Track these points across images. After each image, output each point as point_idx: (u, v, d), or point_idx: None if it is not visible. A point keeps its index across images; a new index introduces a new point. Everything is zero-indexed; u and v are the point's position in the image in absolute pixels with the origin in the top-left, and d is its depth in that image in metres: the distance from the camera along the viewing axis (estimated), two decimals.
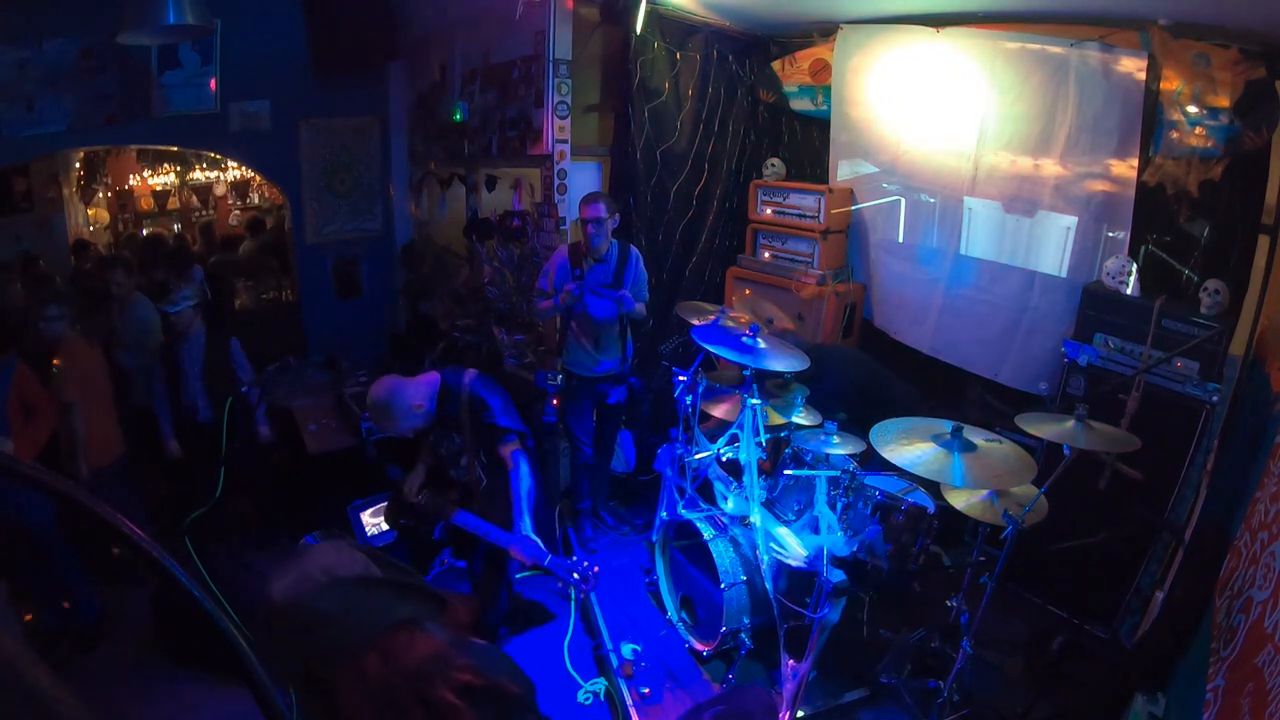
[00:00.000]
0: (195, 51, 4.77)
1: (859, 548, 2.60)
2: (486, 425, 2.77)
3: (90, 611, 3.37)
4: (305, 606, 1.05)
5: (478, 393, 2.80)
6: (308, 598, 1.06)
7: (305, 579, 1.08)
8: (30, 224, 6.29)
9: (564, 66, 3.83)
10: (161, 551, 0.68)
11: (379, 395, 2.69)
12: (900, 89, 3.90)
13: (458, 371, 2.88)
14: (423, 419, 2.75)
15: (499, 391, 2.87)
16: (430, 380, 2.80)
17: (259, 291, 6.57)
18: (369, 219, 5.93)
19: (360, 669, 1.05)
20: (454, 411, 2.79)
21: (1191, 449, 2.91)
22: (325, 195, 5.66)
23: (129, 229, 7.78)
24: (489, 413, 2.77)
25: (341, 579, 1.09)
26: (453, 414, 2.80)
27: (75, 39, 4.35)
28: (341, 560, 1.12)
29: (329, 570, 1.09)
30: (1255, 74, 2.76)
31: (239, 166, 7.93)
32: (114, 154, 7.48)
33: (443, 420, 2.81)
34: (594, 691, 3.06)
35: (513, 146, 4.30)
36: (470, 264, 4.88)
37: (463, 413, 2.79)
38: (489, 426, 2.77)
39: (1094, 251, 3.36)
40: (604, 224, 3.48)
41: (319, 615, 1.05)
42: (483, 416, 2.77)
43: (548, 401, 3.72)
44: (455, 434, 2.86)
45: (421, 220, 5.98)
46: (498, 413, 2.78)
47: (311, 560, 1.11)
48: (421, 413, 2.74)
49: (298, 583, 1.07)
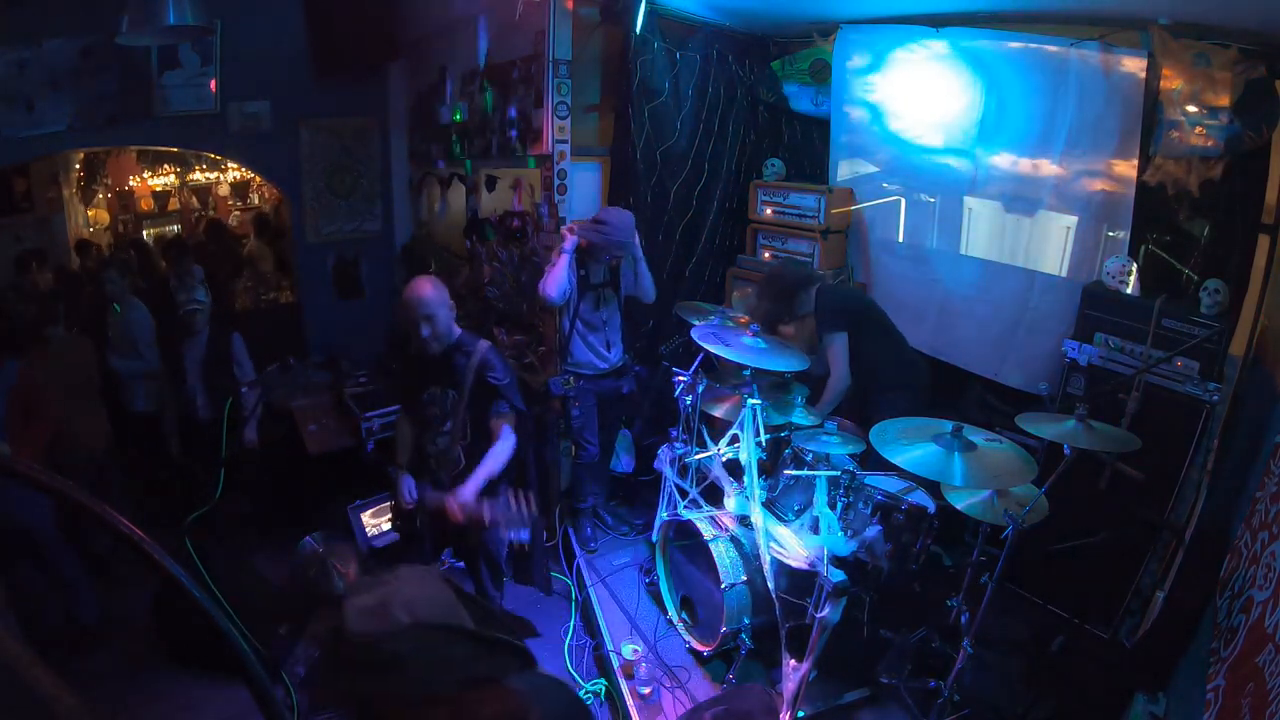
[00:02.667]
0: (195, 52, 4.76)
1: (859, 548, 2.60)
2: (490, 385, 2.74)
3: (90, 611, 3.37)
4: (382, 647, 1.00)
5: (491, 354, 2.80)
6: (387, 638, 1.00)
7: (385, 613, 1.02)
8: (30, 224, 6.30)
9: (564, 66, 3.83)
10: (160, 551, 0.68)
11: (420, 278, 2.75)
12: (900, 89, 3.90)
13: (475, 335, 2.88)
14: (446, 320, 2.73)
15: (509, 365, 2.88)
16: None
17: (259, 291, 6.58)
18: (369, 219, 5.93)
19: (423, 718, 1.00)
20: (461, 364, 2.76)
21: (1191, 449, 2.91)
22: (325, 195, 5.66)
23: (129, 230, 7.79)
24: (496, 375, 2.75)
25: (425, 624, 1.03)
26: (459, 366, 2.77)
27: (75, 39, 4.34)
28: (427, 596, 1.07)
29: (412, 607, 1.03)
30: (1255, 74, 2.76)
31: (239, 167, 7.93)
32: (114, 154, 7.48)
33: (448, 371, 2.79)
34: (594, 691, 3.07)
35: (513, 147, 4.30)
36: (470, 264, 4.88)
37: (469, 366, 2.76)
38: (492, 387, 2.75)
39: (1094, 251, 3.36)
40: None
41: (395, 659, 1.00)
42: (489, 375, 2.75)
43: (569, 406, 3.75)
44: (452, 390, 2.80)
45: (421, 220, 5.98)
46: (504, 380, 2.78)
47: (396, 591, 1.05)
48: (450, 312, 2.75)
49: (378, 617, 1.02)
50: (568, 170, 3.96)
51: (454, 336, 2.79)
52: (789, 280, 3.45)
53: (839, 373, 3.34)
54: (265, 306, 6.50)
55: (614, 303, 3.74)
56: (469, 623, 1.08)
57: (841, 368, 3.33)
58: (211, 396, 3.76)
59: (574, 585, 3.73)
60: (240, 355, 3.87)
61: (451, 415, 2.82)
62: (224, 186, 8.47)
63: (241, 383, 3.84)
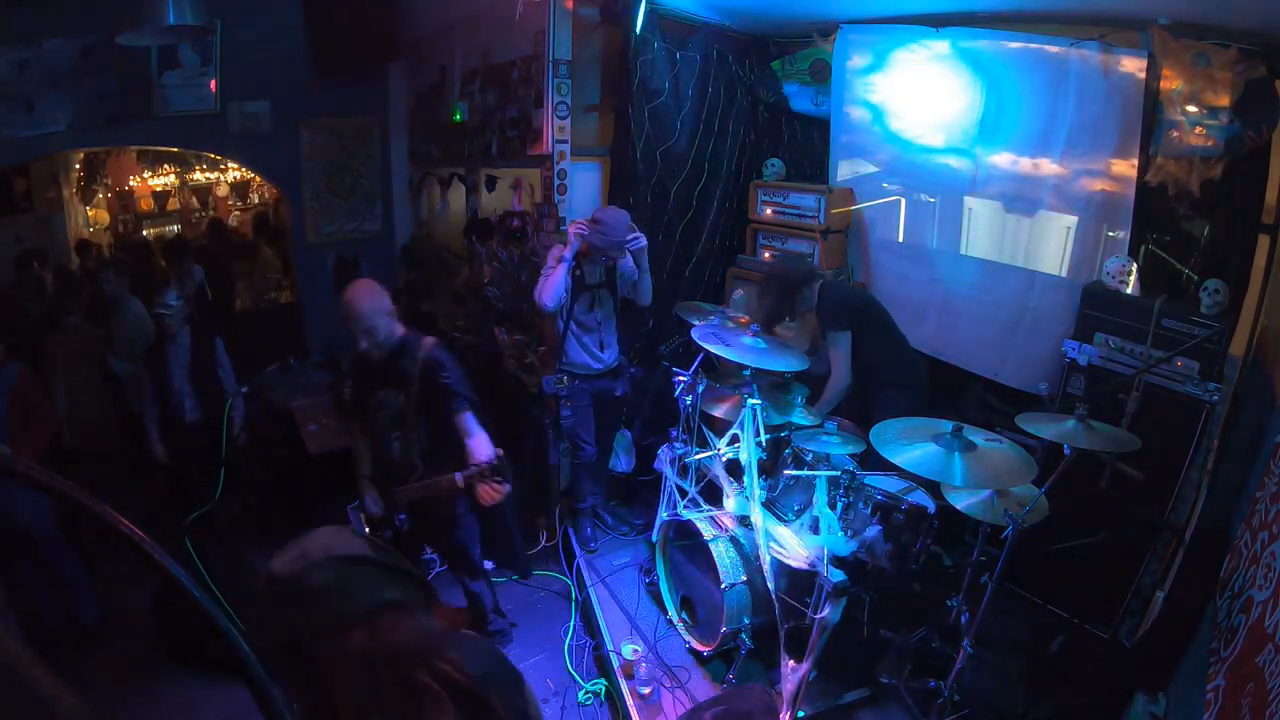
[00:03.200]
0: (195, 52, 4.77)
1: (859, 548, 2.60)
2: (441, 386, 2.64)
3: (90, 612, 3.37)
4: (299, 580, 1.09)
5: (436, 353, 2.70)
6: (303, 572, 1.10)
7: (304, 556, 1.12)
8: (30, 224, 6.30)
9: (564, 66, 3.83)
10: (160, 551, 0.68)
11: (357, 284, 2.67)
12: (900, 89, 3.90)
13: (419, 333, 2.79)
14: (386, 328, 2.66)
15: (455, 361, 2.78)
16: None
17: (259, 291, 6.58)
18: (369, 219, 5.94)
19: (345, 643, 1.08)
20: (407, 368, 2.69)
21: (1191, 449, 2.91)
22: (325, 195, 5.67)
23: (129, 230, 7.79)
24: (444, 374, 2.66)
25: (336, 556, 1.13)
26: (405, 371, 2.69)
27: (75, 39, 4.35)
28: (340, 541, 1.17)
29: (327, 549, 1.13)
30: (1255, 74, 2.76)
31: (239, 167, 7.93)
32: (114, 154, 7.48)
33: (394, 374, 2.71)
34: (594, 691, 3.07)
35: (513, 147, 4.31)
36: (470, 264, 4.88)
37: (415, 370, 2.67)
38: (443, 389, 2.65)
39: (1094, 251, 3.36)
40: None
41: (311, 588, 1.09)
42: (437, 376, 2.65)
43: (561, 405, 3.74)
44: (400, 393, 2.73)
45: (421, 220, 5.98)
46: (453, 377, 2.68)
47: (312, 540, 1.16)
48: (390, 319, 2.66)
49: (296, 559, 1.12)
50: (568, 170, 3.96)
51: (396, 337, 2.71)
52: (792, 276, 3.44)
53: (840, 372, 3.34)
54: (265, 306, 6.51)
55: (609, 304, 3.74)
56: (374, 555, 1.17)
57: (844, 367, 3.33)
58: (199, 400, 3.74)
59: (574, 585, 3.73)
60: (223, 360, 3.84)
61: (402, 420, 2.74)
62: (224, 186, 8.47)
63: (225, 386, 3.81)
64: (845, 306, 3.41)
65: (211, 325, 4.07)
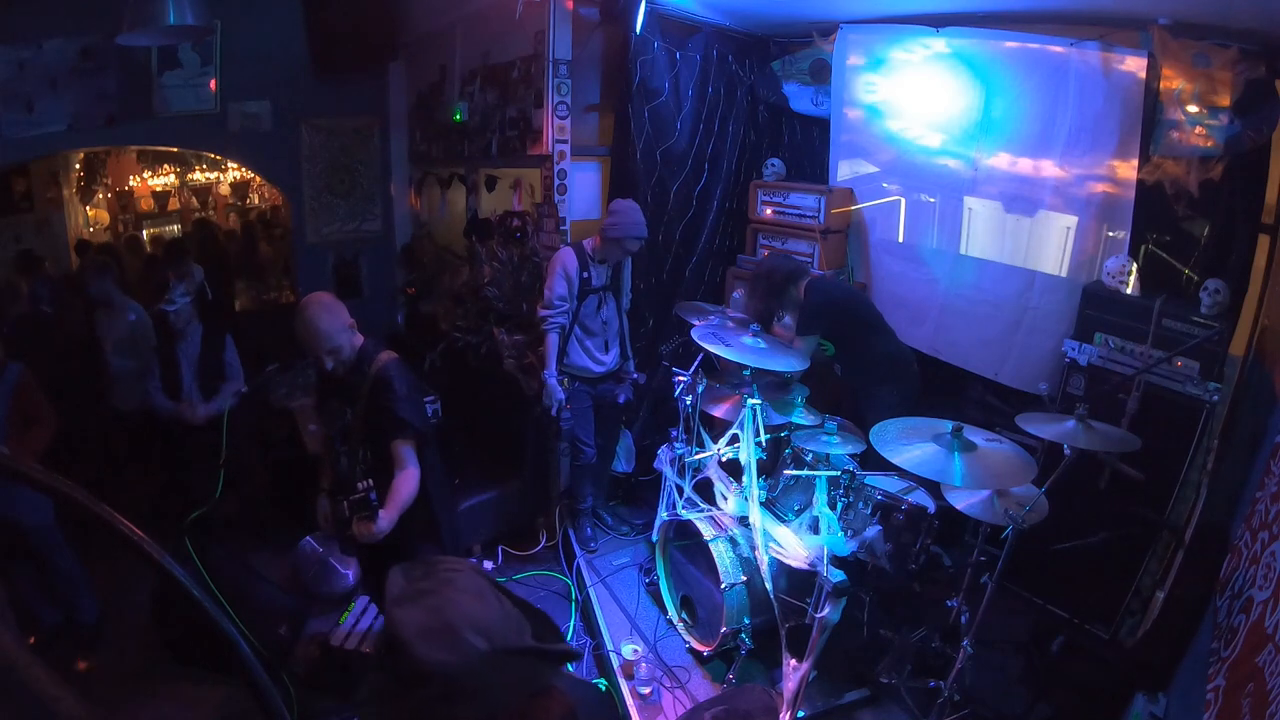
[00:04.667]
0: (195, 52, 4.77)
1: (859, 548, 2.60)
2: (383, 409, 2.46)
3: (90, 611, 3.37)
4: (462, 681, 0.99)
5: (387, 371, 2.51)
6: (466, 671, 0.99)
7: (455, 638, 0.99)
8: (30, 224, 6.31)
9: (564, 66, 3.83)
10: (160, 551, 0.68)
11: (311, 301, 2.49)
12: (900, 89, 3.90)
13: (378, 344, 2.64)
14: (349, 344, 2.50)
15: (408, 381, 2.57)
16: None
17: (259, 291, 6.58)
18: (369, 219, 5.94)
19: None
20: (357, 382, 2.52)
21: (1191, 449, 2.91)
22: (325, 195, 5.67)
23: (129, 230, 7.79)
24: (390, 396, 2.46)
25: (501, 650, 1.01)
26: (355, 384, 2.53)
27: (75, 39, 4.35)
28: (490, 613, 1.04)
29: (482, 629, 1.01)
30: (1255, 74, 2.76)
31: (239, 167, 7.93)
32: (114, 154, 7.49)
33: (346, 387, 2.56)
34: None
35: (513, 146, 4.31)
36: (470, 264, 4.88)
37: (364, 386, 2.51)
38: (385, 411, 2.46)
39: (1094, 251, 3.36)
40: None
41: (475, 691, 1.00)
42: (382, 398, 2.47)
43: (561, 408, 3.73)
44: (348, 408, 2.57)
45: (421, 220, 5.98)
46: (399, 401, 2.47)
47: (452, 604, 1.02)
48: (351, 332, 2.50)
49: (448, 643, 0.99)
50: (568, 170, 3.96)
51: (356, 349, 2.53)
52: (777, 275, 3.44)
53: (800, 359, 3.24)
54: (265, 306, 6.50)
55: (613, 305, 3.74)
56: (530, 635, 1.08)
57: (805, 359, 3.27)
58: (206, 395, 3.75)
59: (574, 585, 3.73)
60: (232, 358, 3.86)
61: (349, 435, 2.60)
62: (224, 186, 8.48)
63: (232, 385, 3.80)
64: (822, 309, 3.36)
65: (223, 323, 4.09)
